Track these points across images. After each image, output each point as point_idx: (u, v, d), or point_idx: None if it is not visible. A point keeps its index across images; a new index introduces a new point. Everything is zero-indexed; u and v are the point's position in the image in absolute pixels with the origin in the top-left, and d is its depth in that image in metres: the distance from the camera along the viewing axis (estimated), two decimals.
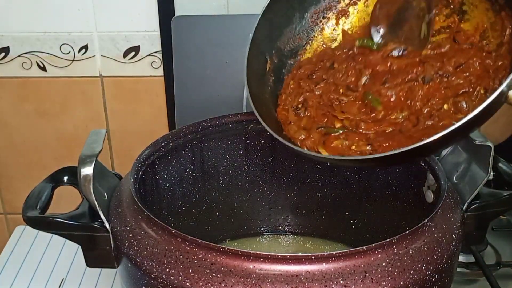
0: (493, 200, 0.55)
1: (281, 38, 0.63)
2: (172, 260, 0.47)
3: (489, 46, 0.54)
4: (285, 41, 0.63)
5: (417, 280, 0.46)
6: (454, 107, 0.52)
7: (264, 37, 0.60)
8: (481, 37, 0.55)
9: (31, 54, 0.87)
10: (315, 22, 0.64)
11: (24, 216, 0.52)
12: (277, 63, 0.63)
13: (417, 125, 0.52)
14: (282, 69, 0.64)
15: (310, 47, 0.65)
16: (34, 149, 0.94)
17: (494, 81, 0.52)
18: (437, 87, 0.55)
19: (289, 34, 0.63)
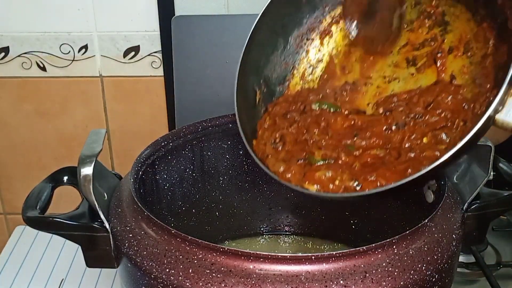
0: (494, 200, 0.55)
1: (268, 66, 0.63)
2: (172, 260, 0.47)
3: (463, 88, 0.54)
4: (272, 68, 0.63)
5: (417, 280, 0.46)
6: (434, 139, 0.53)
7: (250, 67, 0.61)
8: (465, 48, 0.55)
9: (31, 54, 0.87)
10: (299, 45, 0.64)
11: (24, 216, 0.52)
12: (266, 92, 0.63)
13: (399, 158, 0.53)
14: (272, 97, 0.64)
15: (297, 71, 0.65)
16: (34, 149, 0.94)
17: (474, 107, 0.52)
18: (413, 128, 0.55)
19: (275, 61, 0.63)
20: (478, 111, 0.50)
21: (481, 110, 0.50)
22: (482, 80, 0.52)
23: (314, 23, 0.64)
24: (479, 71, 0.53)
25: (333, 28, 0.64)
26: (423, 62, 0.59)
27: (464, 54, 0.55)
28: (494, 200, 0.55)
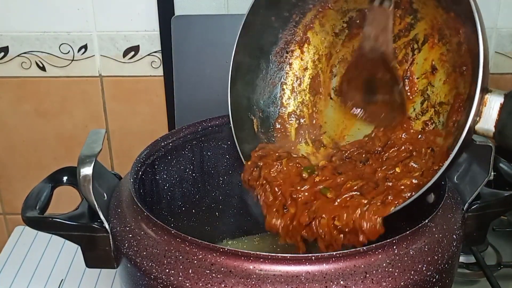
0: (494, 200, 0.55)
1: (256, 91, 0.65)
2: (172, 261, 0.46)
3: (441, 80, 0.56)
4: (261, 91, 0.65)
5: (417, 280, 0.46)
6: (405, 168, 0.55)
7: (240, 98, 0.62)
8: (440, 35, 0.56)
9: (30, 53, 0.87)
10: (281, 60, 0.66)
11: (23, 217, 0.52)
12: (262, 116, 0.65)
13: (378, 188, 0.54)
14: (269, 119, 0.66)
15: (286, 86, 0.67)
16: (33, 149, 0.94)
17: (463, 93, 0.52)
18: (380, 162, 0.57)
19: (262, 84, 0.65)
20: (465, 95, 0.52)
21: (467, 93, 0.51)
22: (462, 68, 0.53)
23: (289, 35, 0.65)
24: (457, 59, 0.54)
25: (309, 34, 0.66)
26: (403, 54, 0.59)
27: (440, 42, 0.56)
28: (495, 200, 0.55)
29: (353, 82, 0.63)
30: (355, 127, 0.64)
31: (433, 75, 0.57)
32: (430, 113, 0.58)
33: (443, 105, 0.56)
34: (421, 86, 0.59)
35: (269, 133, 0.66)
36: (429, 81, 0.58)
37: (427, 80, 0.58)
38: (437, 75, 0.57)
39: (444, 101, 0.56)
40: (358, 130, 0.64)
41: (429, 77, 0.58)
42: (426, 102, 0.58)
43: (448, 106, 0.55)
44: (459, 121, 0.53)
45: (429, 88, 0.58)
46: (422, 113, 0.58)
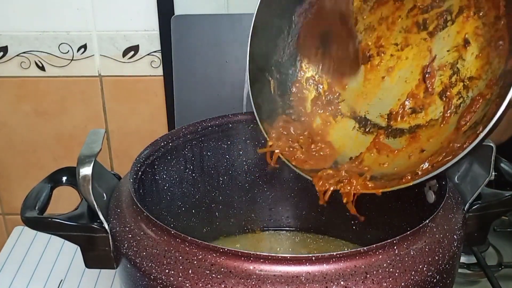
0: (495, 200, 0.55)
1: (276, 51, 0.63)
2: (172, 261, 0.46)
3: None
4: (281, 52, 0.63)
5: (418, 281, 0.46)
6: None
7: (259, 58, 0.60)
8: (477, 8, 0.54)
9: (30, 53, 0.87)
10: (304, 22, 0.63)
11: (23, 217, 0.52)
12: (280, 78, 0.63)
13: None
14: (287, 82, 0.64)
15: None
16: (32, 149, 0.94)
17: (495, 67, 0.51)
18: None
19: (282, 44, 0.63)
20: (500, 69, 0.50)
21: (503, 68, 0.50)
22: (498, 41, 0.51)
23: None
24: (493, 33, 0.52)
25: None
26: (434, 25, 0.58)
27: (476, 15, 0.54)
28: (496, 201, 0.55)
29: (310, 36, 0.62)
30: (376, 96, 0.63)
31: (465, 48, 0.55)
32: (459, 87, 0.55)
33: (473, 79, 0.54)
34: (451, 59, 0.56)
35: (285, 96, 0.64)
36: (460, 55, 0.56)
37: (458, 53, 0.56)
38: (469, 49, 0.55)
39: (475, 76, 0.54)
40: (379, 100, 0.62)
41: (460, 51, 0.55)
42: (455, 76, 0.56)
43: (479, 81, 0.53)
44: (490, 97, 0.51)
45: (459, 62, 0.56)
46: (450, 86, 0.56)
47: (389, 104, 0.61)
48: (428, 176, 0.50)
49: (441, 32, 0.57)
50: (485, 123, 0.47)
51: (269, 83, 0.62)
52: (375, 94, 0.62)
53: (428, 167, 0.52)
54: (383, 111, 0.62)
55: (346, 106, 0.64)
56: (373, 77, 0.62)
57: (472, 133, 0.50)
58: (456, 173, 0.58)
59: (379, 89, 0.62)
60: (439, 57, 0.57)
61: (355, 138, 0.62)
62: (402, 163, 0.56)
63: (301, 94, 0.65)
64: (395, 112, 0.60)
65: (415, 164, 0.54)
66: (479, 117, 0.51)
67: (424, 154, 0.55)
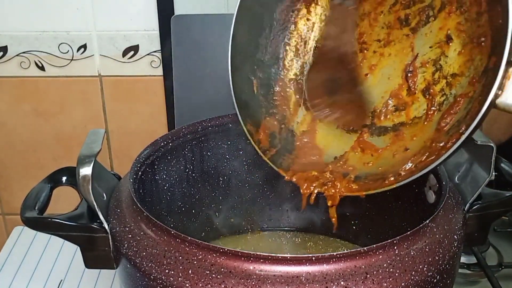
0: (495, 200, 0.55)
1: (258, 50, 0.62)
2: (172, 261, 0.46)
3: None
4: (263, 51, 0.62)
5: (418, 281, 0.46)
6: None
7: (241, 57, 0.60)
8: (458, 3, 0.53)
9: (29, 53, 0.87)
10: (286, 19, 0.63)
11: (22, 217, 0.52)
12: (262, 76, 0.62)
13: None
14: (270, 81, 0.63)
15: (289, 47, 0.64)
16: (32, 149, 0.94)
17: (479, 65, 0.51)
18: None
19: (264, 42, 0.62)
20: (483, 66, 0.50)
21: (485, 66, 0.49)
22: (480, 38, 0.51)
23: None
24: (475, 29, 0.51)
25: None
26: (416, 21, 0.57)
27: (458, 10, 0.54)
28: (496, 201, 0.55)
29: (317, 80, 0.61)
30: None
31: (447, 45, 0.55)
32: (442, 84, 0.55)
33: (456, 76, 0.54)
34: (433, 56, 0.56)
35: (268, 96, 0.63)
36: (442, 51, 0.55)
37: (440, 49, 0.55)
38: (452, 45, 0.54)
39: (457, 73, 0.54)
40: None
41: (443, 47, 0.55)
42: (437, 73, 0.56)
43: (462, 78, 0.53)
44: (473, 95, 0.51)
45: (442, 58, 0.55)
46: (433, 83, 0.56)
47: (372, 102, 0.61)
48: (411, 178, 0.50)
49: (423, 28, 0.57)
50: (468, 121, 0.47)
51: (251, 83, 0.62)
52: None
53: (412, 167, 0.52)
54: (367, 109, 0.61)
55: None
56: (356, 74, 0.62)
57: (455, 131, 0.50)
58: (456, 173, 0.58)
59: (362, 87, 0.62)
60: (422, 54, 0.57)
61: (339, 136, 0.62)
62: (386, 162, 0.56)
63: (285, 93, 0.64)
64: (379, 110, 0.60)
65: (399, 163, 0.54)
66: (461, 116, 0.51)
67: (408, 153, 0.55)
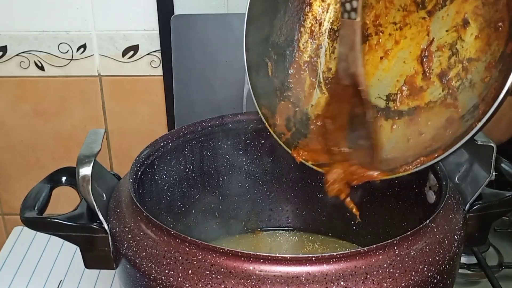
0: (496, 200, 0.55)
1: (273, 31, 0.62)
2: (172, 261, 0.46)
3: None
4: (278, 33, 0.62)
5: (418, 281, 0.46)
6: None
7: (256, 38, 0.59)
8: None
9: (29, 53, 0.87)
10: (301, 0, 0.62)
11: (22, 217, 0.52)
12: (277, 58, 0.62)
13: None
14: (284, 63, 0.63)
15: (304, 29, 0.64)
16: (32, 149, 0.94)
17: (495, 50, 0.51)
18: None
19: (279, 24, 0.62)
20: (499, 52, 0.50)
21: (502, 51, 0.49)
22: (497, 23, 0.50)
23: None
24: (493, 14, 0.51)
25: None
26: (433, 3, 0.57)
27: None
28: (496, 201, 0.55)
29: (337, 121, 0.60)
30: (375, 77, 0.61)
31: (464, 29, 0.54)
32: (458, 68, 0.54)
33: (472, 61, 0.53)
34: (450, 40, 0.55)
35: (283, 78, 0.63)
36: (459, 35, 0.55)
37: (457, 33, 0.55)
38: (468, 30, 0.54)
39: (473, 58, 0.53)
40: (378, 81, 0.61)
41: (459, 31, 0.54)
42: (453, 57, 0.55)
43: (478, 63, 0.52)
44: (489, 81, 0.50)
45: (458, 43, 0.55)
46: (449, 67, 0.55)
47: (388, 85, 0.60)
48: (424, 165, 0.50)
49: (440, 11, 0.56)
50: (482, 108, 0.46)
51: (266, 65, 0.61)
52: (374, 75, 0.61)
53: (423, 158, 0.52)
54: (381, 92, 0.61)
55: None
56: (371, 58, 0.61)
57: (470, 117, 0.49)
58: (457, 173, 0.58)
59: (377, 70, 0.61)
60: (438, 37, 0.57)
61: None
62: (401, 146, 0.56)
63: (299, 76, 0.64)
64: (394, 94, 0.59)
65: (413, 148, 0.53)
66: (477, 102, 0.50)
67: (422, 138, 0.54)
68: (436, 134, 0.53)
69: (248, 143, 0.70)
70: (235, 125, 0.68)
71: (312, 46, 0.64)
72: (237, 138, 0.69)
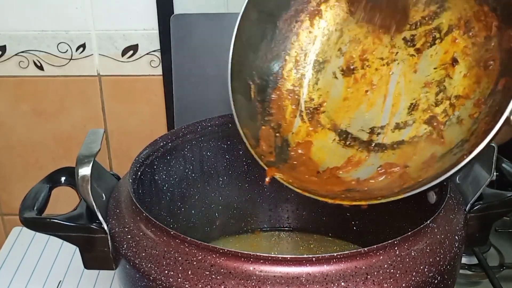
0: (497, 201, 0.55)
1: (259, 56, 0.62)
2: (171, 262, 0.46)
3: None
4: (263, 57, 0.63)
5: (419, 282, 0.46)
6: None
7: (242, 60, 0.60)
8: (467, 28, 0.53)
9: (28, 53, 0.87)
10: (288, 29, 0.63)
11: (21, 217, 0.52)
12: (260, 83, 0.63)
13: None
14: (266, 88, 0.63)
15: (289, 57, 0.64)
16: (31, 149, 0.93)
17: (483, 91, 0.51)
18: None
19: (265, 49, 0.63)
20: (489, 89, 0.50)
21: (492, 88, 0.50)
22: (488, 62, 0.51)
23: (302, 4, 0.62)
24: (483, 53, 0.51)
25: (322, 7, 0.63)
26: (422, 42, 0.57)
27: (465, 34, 0.54)
28: (497, 201, 0.55)
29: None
30: (359, 110, 0.62)
31: (453, 67, 0.55)
32: (445, 105, 0.55)
33: (460, 98, 0.54)
34: (438, 77, 0.56)
35: (265, 103, 0.63)
36: (447, 73, 0.55)
37: (445, 71, 0.55)
38: (457, 68, 0.54)
39: (462, 95, 0.53)
40: (361, 113, 0.62)
41: (448, 69, 0.55)
42: (441, 94, 0.55)
43: (465, 100, 0.53)
44: (478, 116, 0.51)
45: (446, 80, 0.55)
46: (436, 104, 0.56)
47: (372, 118, 0.61)
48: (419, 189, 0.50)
49: (429, 49, 0.57)
50: (473, 141, 0.47)
51: (249, 87, 0.62)
52: (358, 108, 0.62)
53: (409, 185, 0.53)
54: (365, 125, 0.61)
55: (326, 118, 0.64)
56: (355, 90, 0.62)
57: (458, 151, 0.50)
58: (457, 174, 0.58)
59: (362, 103, 0.62)
60: (425, 75, 0.57)
61: (335, 150, 0.62)
62: (385, 180, 0.56)
63: (281, 102, 0.64)
64: (378, 127, 0.60)
65: (396, 181, 0.54)
66: (465, 136, 0.51)
67: (408, 170, 0.55)
68: (423, 167, 0.53)
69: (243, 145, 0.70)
70: (235, 125, 0.68)
71: (295, 75, 0.64)
72: (237, 138, 0.69)
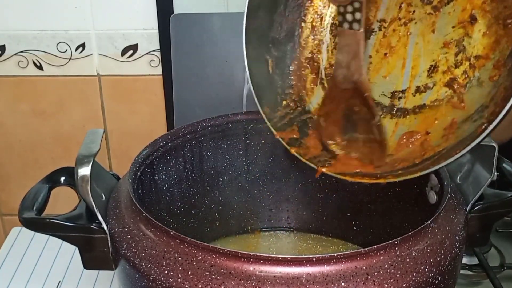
0: (497, 201, 0.55)
1: (273, 27, 0.60)
2: (171, 262, 0.46)
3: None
4: (278, 28, 0.61)
5: (419, 282, 0.46)
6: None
7: (256, 34, 0.58)
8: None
9: (28, 52, 0.86)
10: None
11: (20, 217, 0.52)
12: (278, 55, 0.61)
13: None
14: (285, 59, 0.62)
15: (305, 24, 0.63)
16: (30, 149, 0.93)
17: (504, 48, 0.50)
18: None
19: (279, 19, 0.61)
20: (509, 49, 0.48)
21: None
22: (507, 20, 0.49)
23: None
24: (502, 10, 0.50)
25: None
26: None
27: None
28: (498, 201, 0.55)
29: (331, 117, 0.60)
30: (379, 74, 0.60)
31: (471, 25, 0.53)
32: (465, 66, 0.53)
33: (480, 59, 0.52)
34: (456, 36, 0.54)
35: (284, 75, 0.62)
36: (466, 32, 0.53)
37: (464, 30, 0.53)
38: (476, 26, 0.52)
39: (481, 55, 0.52)
40: (382, 78, 0.60)
41: (466, 27, 0.53)
42: (460, 54, 0.54)
43: (485, 61, 0.51)
44: (497, 79, 0.49)
45: (465, 39, 0.53)
46: (456, 65, 0.54)
47: (392, 82, 0.59)
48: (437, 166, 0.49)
49: (446, 6, 0.55)
50: (492, 108, 0.46)
51: (266, 62, 0.60)
52: (378, 72, 0.60)
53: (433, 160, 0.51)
54: (386, 89, 0.59)
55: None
56: (374, 54, 0.60)
57: (479, 117, 0.48)
58: (458, 174, 0.58)
59: (382, 67, 0.60)
60: (444, 34, 0.55)
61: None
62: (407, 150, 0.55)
63: (300, 72, 0.62)
64: (399, 91, 0.58)
65: (420, 149, 0.53)
66: (485, 101, 0.49)
67: (429, 138, 0.53)
68: (443, 134, 0.52)
69: (248, 143, 0.70)
70: (235, 125, 0.68)
71: (313, 42, 0.63)
72: (237, 138, 0.69)
